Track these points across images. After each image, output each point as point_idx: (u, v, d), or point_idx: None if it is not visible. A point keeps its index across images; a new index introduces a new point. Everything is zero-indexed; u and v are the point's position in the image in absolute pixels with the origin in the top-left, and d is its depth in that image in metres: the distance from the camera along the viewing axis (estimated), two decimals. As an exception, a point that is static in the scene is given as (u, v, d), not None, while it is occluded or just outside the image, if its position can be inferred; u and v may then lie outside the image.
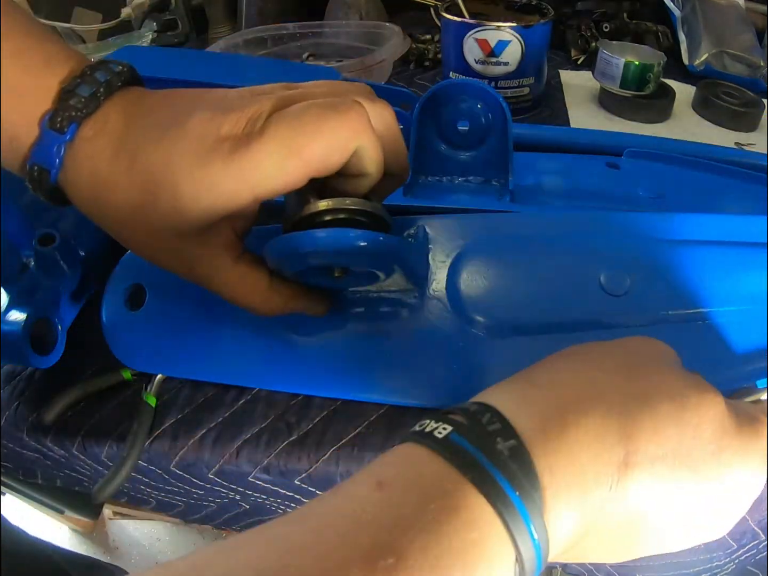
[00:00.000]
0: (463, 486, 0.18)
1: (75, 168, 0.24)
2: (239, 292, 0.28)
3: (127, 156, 0.24)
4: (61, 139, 0.24)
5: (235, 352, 0.37)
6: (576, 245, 0.37)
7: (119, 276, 0.39)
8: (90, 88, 0.24)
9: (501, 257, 0.38)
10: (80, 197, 0.25)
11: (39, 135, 0.24)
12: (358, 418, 0.35)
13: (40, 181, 0.25)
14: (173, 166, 0.23)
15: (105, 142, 0.24)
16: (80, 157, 0.24)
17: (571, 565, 0.42)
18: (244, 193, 0.23)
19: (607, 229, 0.38)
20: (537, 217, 0.40)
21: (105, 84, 0.24)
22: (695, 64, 0.70)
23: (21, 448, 0.38)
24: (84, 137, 0.24)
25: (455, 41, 0.63)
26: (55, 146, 0.24)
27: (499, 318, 0.36)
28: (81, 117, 0.24)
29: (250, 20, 0.83)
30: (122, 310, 0.38)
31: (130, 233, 0.26)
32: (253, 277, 0.28)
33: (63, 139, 0.24)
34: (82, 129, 0.24)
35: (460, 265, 0.37)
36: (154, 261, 0.27)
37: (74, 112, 0.24)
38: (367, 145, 0.25)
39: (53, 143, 0.24)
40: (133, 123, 0.24)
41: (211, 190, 0.23)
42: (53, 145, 0.24)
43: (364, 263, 0.30)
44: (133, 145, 0.24)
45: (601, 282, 0.35)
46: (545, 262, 0.37)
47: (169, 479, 0.37)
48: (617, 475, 0.19)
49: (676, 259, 0.36)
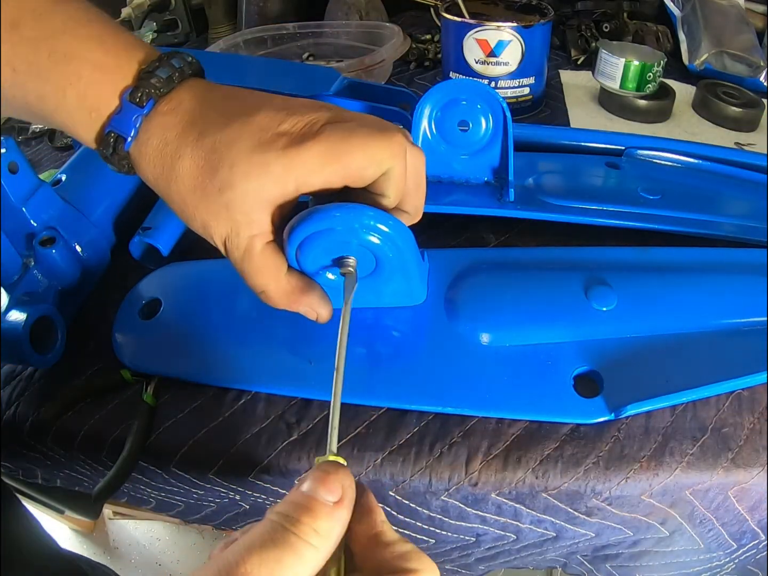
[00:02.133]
0: None
1: (146, 138, 0.28)
2: (259, 274, 0.30)
3: (195, 131, 0.27)
4: (140, 111, 0.27)
5: (238, 357, 0.37)
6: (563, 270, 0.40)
7: (141, 289, 0.42)
8: (167, 71, 0.28)
9: (492, 276, 0.40)
10: (146, 165, 0.28)
11: (119, 106, 0.27)
12: (358, 418, 0.35)
13: (115, 148, 0.28)
14: (235, 146, 0.27)
15: (177, 118, 0.28)
16: (152, 128, 0.28)
17: (571, 564, 0.42)
18: (288, 182, 0.27)
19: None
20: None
21: (179, 70, 0.28)
22: (695, 64, 0.70)
23: (21, 448, 0.38)
24: (159, 112, 0.28)
25: (455, 41, 0.63)
26: (133, 117, 0.27)
27: (492, 328, 0.37)
28: (158, 95, 0.28)
29: (250, 20, 0.83)
30: (135, 319, 0.40)
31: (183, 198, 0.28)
32: (274, 263, 0.30)
33: (141, 111, 0.27)
34: (158, 105, 0.28)
35: (456, 280, 0.39)
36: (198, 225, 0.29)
37: (152, 90, 0.27)
38: (397, 169, 0.28)
39: (132, 114, 0.27)
40: (204, 107, 0.28)
41: (261, 172, 0.26)
42: (131, 116, 0.27)
43: (373, 245, 0.31)
44: (202, 125, 0.27)
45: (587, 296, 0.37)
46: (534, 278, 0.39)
47: (169, 479, 0.37)
48: None
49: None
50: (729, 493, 0.33)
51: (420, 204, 0.33)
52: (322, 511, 0.21)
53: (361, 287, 0.35)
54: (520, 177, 0.47)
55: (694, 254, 0.41)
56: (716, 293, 0.38)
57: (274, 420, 0.35)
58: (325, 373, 0.36)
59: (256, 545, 0.19)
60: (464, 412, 0.34)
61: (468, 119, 0.44)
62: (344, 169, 0.27)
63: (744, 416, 0.34)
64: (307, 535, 0.20)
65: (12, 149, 0.37)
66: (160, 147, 0.28)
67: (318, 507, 0.21)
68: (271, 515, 0.21)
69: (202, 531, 1.14)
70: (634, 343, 0.36)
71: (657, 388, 0.33)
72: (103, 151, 0.29)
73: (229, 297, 0.40)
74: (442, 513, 0.35)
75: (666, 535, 0.36)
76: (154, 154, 0.28)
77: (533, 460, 0.33)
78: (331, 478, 0.21)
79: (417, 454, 0.33)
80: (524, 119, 0.66)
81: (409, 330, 0.38)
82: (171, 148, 0.27)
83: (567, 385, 0.34)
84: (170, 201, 0.29)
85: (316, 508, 0.21)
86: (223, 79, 0.49)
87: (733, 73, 0.68)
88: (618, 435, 0.33)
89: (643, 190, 0.46)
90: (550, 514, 0.34)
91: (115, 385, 0.38)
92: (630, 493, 0.32)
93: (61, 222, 0.40)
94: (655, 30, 0.76)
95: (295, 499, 0.21)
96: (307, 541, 0.20)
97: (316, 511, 0.20)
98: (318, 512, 0.20)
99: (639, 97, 0.64)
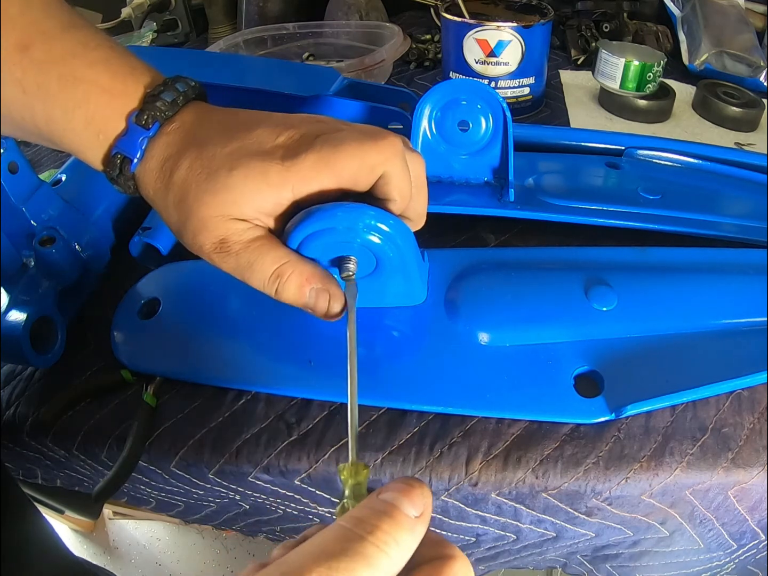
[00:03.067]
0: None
1: (150, 156, 0.29)
2: (261, 261, 0.29)
3: (196, 146, 0.28)
4: (146, 133, 0.28)
5: (237, 357, 0.37)
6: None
7: (140, 289, 0.42)
8: (171, 94, 0.29)
9: (492, 276, 0.40)
10: (148, 180, 0.29)
11: (126, 128, 0.28)
12: (358, 419, 0.35)
13: (121, 169, 0.29)
14: (234, 156, 0.28)
15: (179, 136, 0.29)
16: (156, 148, 0.29)
17: (571, 564, 0.42)
18: (285, 190, 0.28)
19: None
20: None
21: (183, 93, 0.29)
22: (695, 64, 0.70)
23: (21, 448, 0.38)
24: (163, 133, 0.29)
25: (455, 41, 0.63)
26: (139, 138, 0.28)
27: (493, 328, 0.37)
28: (163, 118, 0.29)
29: (250, 20, 0.83)
30: (134, 318, 0.40)
31: (178, 205, 0.29)
32: (277, 252, 0.29)
33: (147, 134, 0.28)
34: (163, 127, 0.29)
35: (456, 280, 0.39)
36: (189, 234, 0.29)
37: (158, 113, 0.28)
38: (393, 172, 0.29)
39: (138, 136, 0.28)
40: (205, 126, 0.29)
41: (260, 178, 0.27)
42: (137, 138, 0.28)
43: (374, 245, 0.31)
44: (203, 140, 0.28)
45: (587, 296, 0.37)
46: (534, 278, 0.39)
47: (169, 479, 0.37)
48: None
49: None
50: (729, 493, 0.33)
51: (422, 210, 0.33)
52: (405, 521, 0.19)
53: (361, 287, 0.35)
54: (520, 177, 0.47)
55: (694, 254, 0.41)
56: (716, 293, 0.38)
57: (274, 420, 0.35)
58: (324, 373, 0.36)
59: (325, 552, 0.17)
60: (464, 412, 0.34)
61: (468, 119, 0.44)
62: (337, 176, 0.28)
63: (744, 416, 0.34)
64: (386, 545, 0.18)
65: (12, 149, 0.37)
66: (161, 162, 0.29)
67: (401, 516, 0.19)
68: (343, 521, 0.19)
69: (202, 531, 1.14)
70: (634, 343, 0.36)
71: (657, 388, 0.33)
72: (110, 172, 0.29)
73: (228, 297, 0.40)
74: (442, 513, 0.35)
75: (666, 535, 0.36)
76: (155, 168, 0.29)
77: (533, 460, 0.33)
78: (416, 492, 0.20)
79: (417, 454, 0.33)
80: (524, 119, 0.66)
81: (410, 330, 0.38)
82: (171, 162, 0.28)
83: (567, 385, 0.34)
84: (165, 213, 0.30)
85: (399, 517, 0.19)
86: (224, 79, 0.49)
87: (733, 73, 0.68)
88: (618, 435, 0.33)
89: (643, 190, 0.46)
90: (550, 514, 0.34)
91: (115, 385, 0.38)
92: (630, 493, 0.32)
93: (61, 222, 0.40)
94: (655, 30, 0.77)
95: (375, 505, 0.19)
96: (385, 552, 0.18)
97: (399, 520, 0.19)
98: (401, 522, 0.19)
99: (639, 97, 0.64)
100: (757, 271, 0.39)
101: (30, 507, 0.34)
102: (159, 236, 0.43)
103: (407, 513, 0.19)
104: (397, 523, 0.19)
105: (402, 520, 0.19)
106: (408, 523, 0.19)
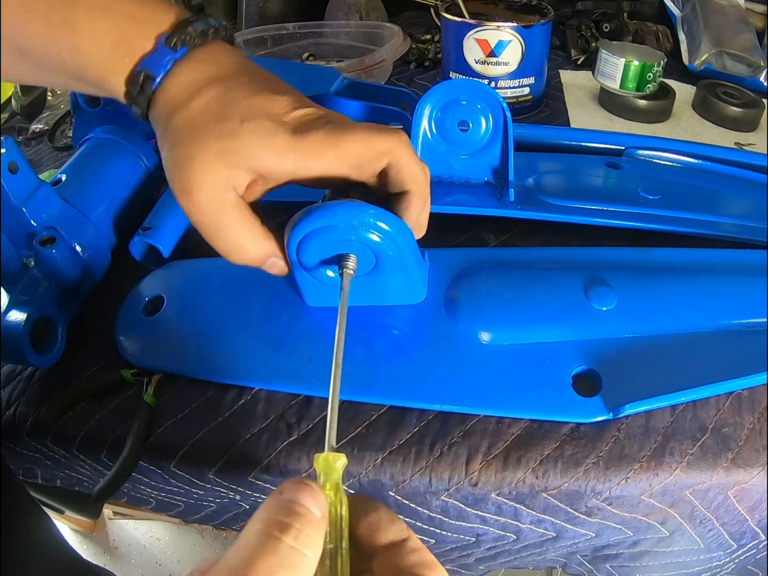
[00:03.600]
0: None
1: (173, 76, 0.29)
2: (236, 225, 0.30)
3: (224, 84, 0.29)
4: (173, 54, 0.28)
5: (238, 354, 0.38)
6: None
7: (144, 286, 0.42)
8: (203, 25, 0.29)
9: (492, 275, 0.40)
10: (163, 100, 0.29)
11: (154, 47, 0.28)
12: (358, 418, 0.35)
13: (143, 87, 0.29)
14: (251, 109, 0.28)
15: (210, 66, 0.29)
16: (183, 71, 0.29)
17: (571, 565, 0.42)
18: (287, 158, 0.28)
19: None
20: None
21: (215, 28, 0.30)
22: (695, 64, 0.70)
23: (21, 448, 0.38)
24: (193, 58, 0.29)
25: (455, 41, 0.63)
26: (166, 59, 0.28)
27: (492, 327, 0.37)
28: (193, 44, 0.29)
29: (250, 20, 0.83)
30: (138, 315, 0.40)
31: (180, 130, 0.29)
32: (250, 218, 0.30)
33: (174, 55, 0.28)
34: (192, 53, 0.29)
35: (456, 279, 0.40)
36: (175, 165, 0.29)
37: (188, 37, 0.28)
38: (402, 158, 0.30)
39: (165, 56, 0.28)
40: (238, 69, 0.30)
41: (267, 138, 0.28)
42: (164, 58, 0.28)
43: (373, 243, 0.31)
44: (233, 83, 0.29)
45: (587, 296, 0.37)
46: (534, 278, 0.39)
47: (169, 479, 0.37)
48: None
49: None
50: (729, 493, 0.33)
51: (424, 217, 0.33)
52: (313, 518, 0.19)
53: (361, 285, 0.35)
54: (520, 177, 0.47)
55: (694, 255, 0.41)
56: (716, 293, 0.38)
57: (274, 420, 0.35)
58: (324, 370, 0.36)
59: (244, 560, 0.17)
60: (463, 410, 0.34)
61: (468, 119, 0.44)
62: (342, 157, 0.29)
63: (744, 416, 0.34)
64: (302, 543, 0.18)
65: (12, 149, 0.37)
66: (184, 84, 0.29)
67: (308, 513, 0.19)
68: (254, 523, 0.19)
69: (202, 531, 1.14)
70: (634, 343, 0.36)
71: (656, 388, 0.33)
72: (131, 90, 0.29)
73: (231, 294, 0.40)
74: (442, 513, 0.35)
75: (666, 535, 0.36)
76: (175, 89, 0.29)
77: (533, 460, 0.33)
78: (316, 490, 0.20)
79: (417, 454, 0.33)
80: (524, 119, 0.66)
81: (409, 328, 0.38)
82: (193, 87, 0.28)
83: (566, 384, 0.34)
84: (163, 134, 0.29)
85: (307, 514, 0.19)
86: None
87: (733, 73, 0.68)
88: (618, 435, 0.33)
89: (643, 190, 0.46)
90: (550, 514, 0.34)
91: (115, 385, 0.38)
92: (630, 493, 0.32)
93: (61, 222, 0.40)
94: (655, 30, 0.77)
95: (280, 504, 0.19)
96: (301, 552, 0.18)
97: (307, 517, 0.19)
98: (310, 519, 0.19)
99: (639, 97, 0.64)
100: (757, 271, 0.39)
101: (35, 507, 0.34)
102: (160, 236, 0.43)
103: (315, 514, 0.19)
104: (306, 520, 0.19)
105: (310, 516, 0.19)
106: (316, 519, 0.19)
